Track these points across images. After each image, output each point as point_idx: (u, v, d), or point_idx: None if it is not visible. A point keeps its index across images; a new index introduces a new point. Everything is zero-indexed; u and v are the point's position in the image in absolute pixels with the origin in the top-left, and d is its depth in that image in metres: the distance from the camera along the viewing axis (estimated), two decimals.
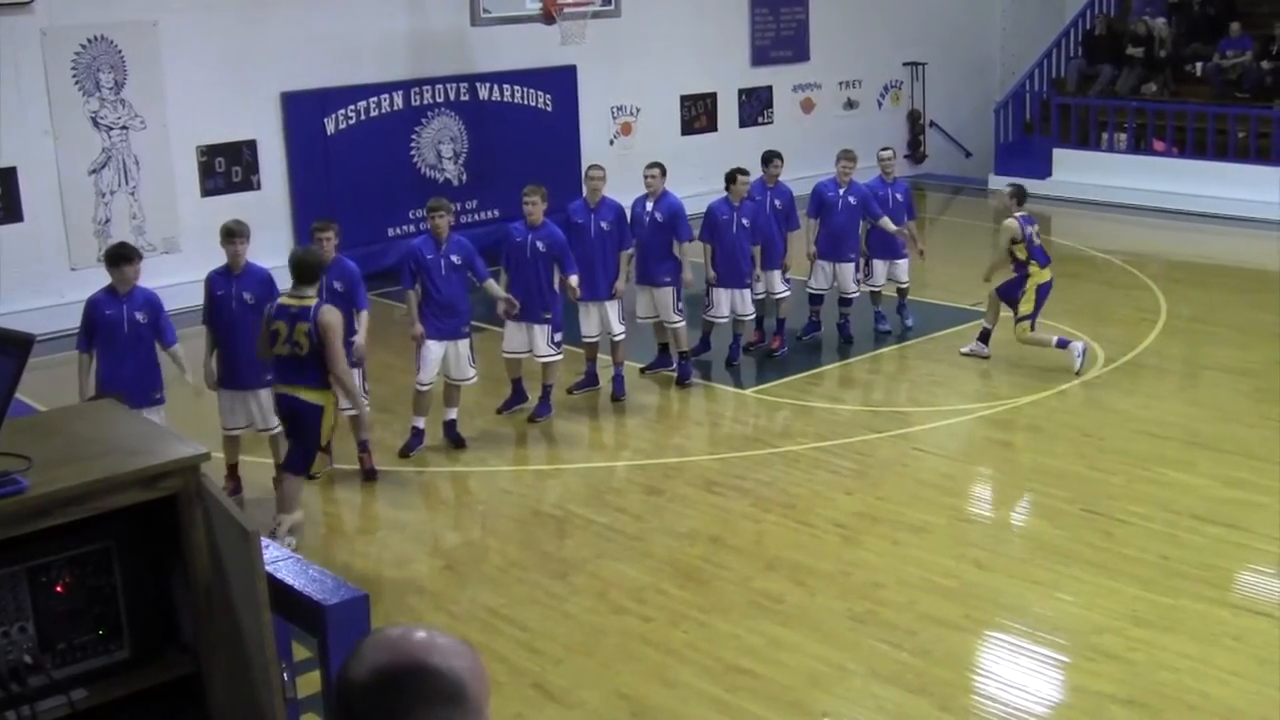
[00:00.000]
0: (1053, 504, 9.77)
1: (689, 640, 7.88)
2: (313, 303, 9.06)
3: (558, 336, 11.58)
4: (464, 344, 10.98)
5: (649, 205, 12.39)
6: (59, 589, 3.43)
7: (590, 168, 12.51)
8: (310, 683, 4.28)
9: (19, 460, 3.31)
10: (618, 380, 12.25)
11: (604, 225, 12.01)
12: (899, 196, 13.97)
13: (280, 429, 9.70)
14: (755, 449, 11.03)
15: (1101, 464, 10.41)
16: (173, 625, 3.66)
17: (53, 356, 10.97)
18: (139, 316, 9.54)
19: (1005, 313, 12.95)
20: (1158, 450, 10.65)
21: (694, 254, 12.52)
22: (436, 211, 11.00)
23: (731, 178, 12.80)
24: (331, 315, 9.02)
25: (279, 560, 4.03)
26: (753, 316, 13.21)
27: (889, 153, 14.40)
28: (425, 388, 10.96)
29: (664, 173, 12.50)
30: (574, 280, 11.49)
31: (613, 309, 12.10)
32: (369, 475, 10.53)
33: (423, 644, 2.23)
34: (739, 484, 10.31)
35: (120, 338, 9.47)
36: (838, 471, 10.49)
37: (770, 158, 13.51)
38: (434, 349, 10.88)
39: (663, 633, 7.99)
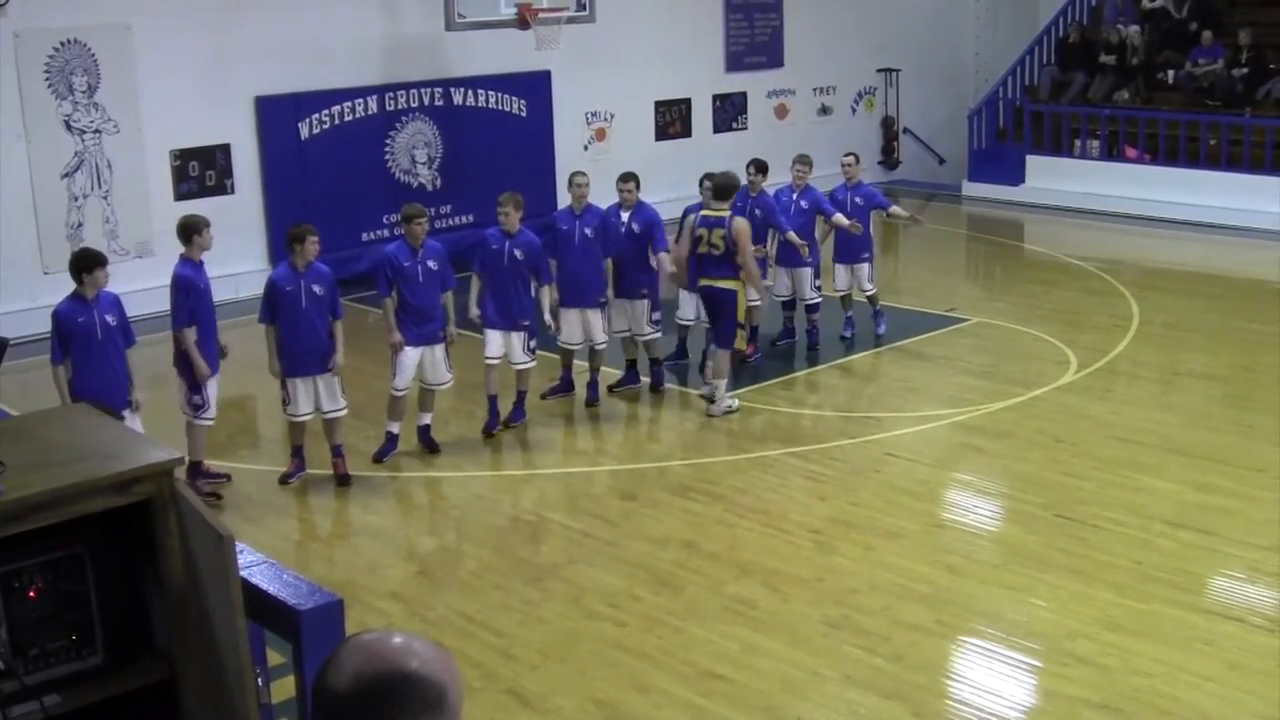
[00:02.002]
0: (1026, 509, 9.80)
1: (663, 646, 7.88)
2: (727, 214, 11.69)
3: (533, 343, 11.51)
4: (440, 349, 10.96)
5: (624, 216, 12.24)
6: (32, 595, 3.42)
7: (574, 174, 12.41)
8: (284, 688, 4.27)
9: None
10: (593, 386, 12.26)
11: (588, 232, 11.96)
12: (858, 200, 13.83)
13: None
14: (729, 454, 11.04)
15: (1074, 469, 10.45)
16: (146, 631, 3.65)
17: (25, 361, 10.93)
18: (109, 319, 9.52)
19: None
20: (1130, 456, 10.69)
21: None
22: (416, 219, 10.93)
23: (699, 183, 12.79)
24: (741, 223, 11.71)
25: (253, 565, 4.02)
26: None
27: (850, 159, 14.27)
28: (401, 393, 10.94)
29: (639, 185, 12.37)
30: (547, 292, 11.55)
31: (597, 317, 12.05)
32: (343, 480, 10.50)
33: (402, 650, 2.22)
34: (713, 489, 10.32)
35: (95, 344, 9.43)
36: (812, 477, 10.51)
37: (756, 169, 13.45)
38: (410, 355, 10.86)
39: (637, 638, 7.98)
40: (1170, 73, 21.38)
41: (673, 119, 21.22)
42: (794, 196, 13.70)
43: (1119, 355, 13.40)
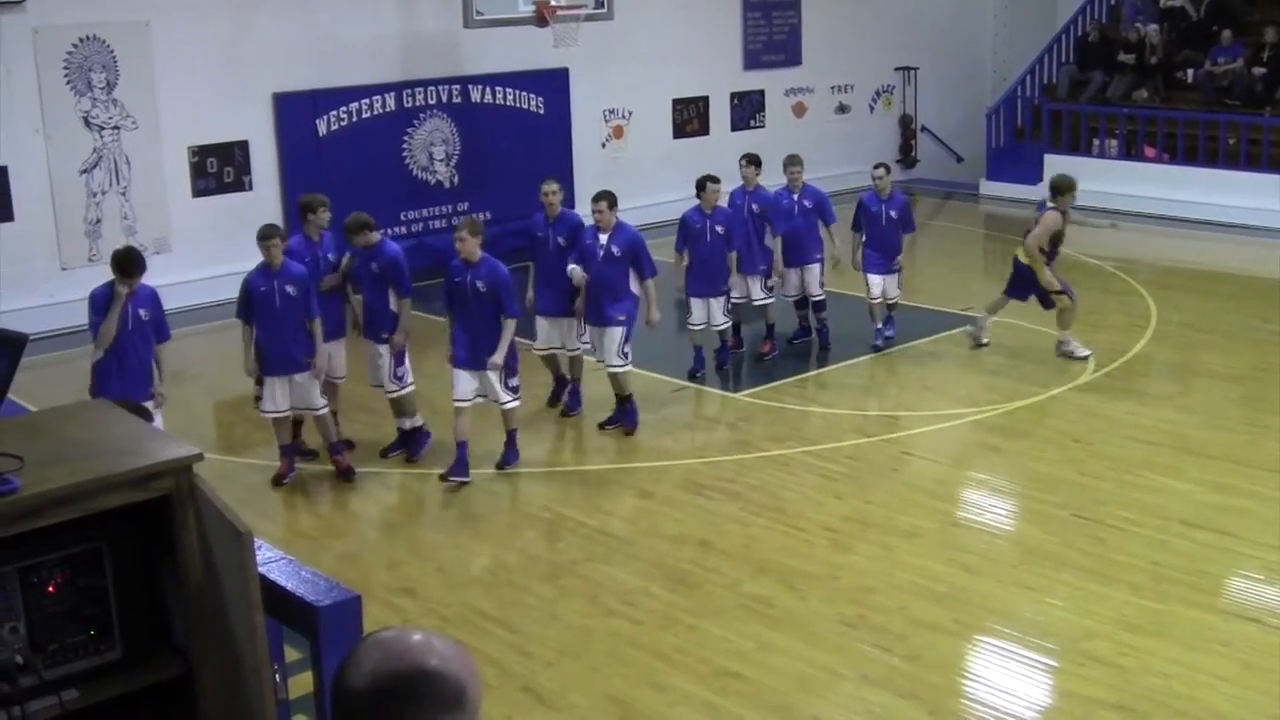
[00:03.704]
0: (1043, 509, 9.78)
1: (679, 644, 7.88)
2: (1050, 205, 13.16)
3: (514, 380, 10.59)
4: (384, 349, 10.83)
5: (602, 239, 11.34)
6: (50, 589, 3.43)
7: (544, 182, 11.92)
8: (302, 684, 4.28)
9: (11, 460, 3.31)
10: (574, 393, 12.02)
11: (560, 240, 11.64)
12: (892, 214, 13.61)
13: None
14: (745, 453, 11.03)
15: (1091, 469, 10.43)
16: (164, 626, 3.66)
17: (44, 356, 10.99)
18: (141, 313, 9.63)
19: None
20: (1147, 456, 10.66)
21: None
22: (350, 231, 10.86)
23: (701, 185, 12.61)
24: (1048, 217, 13.06)
25: (271, 561, 4.03)
26: (727, 325, 12.99)
27: (880, 170, 13.84)
28: (375, 387, 11.07)
29: (613, 204, 11.47)
30: (510, 328, 10.42)
31: (572, 325, 11.74)
32: (345, 475, 10.56)
33: (421, 647, 2.22)
34: (729, 487, 10.31)
35: (124, 334, 9.55)
36: (828, 475, 10.50)
37: (748, 161, 13.29)
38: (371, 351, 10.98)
39: (652, 636, 7.99)
40: (1189, 71, 21.30)
41: (690, 117, 21.20)
42: (795, 198, 13.55)
43: (1136, 355, 13.37)
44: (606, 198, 11.48)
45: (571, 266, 11.49)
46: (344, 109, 17.36)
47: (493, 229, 17.07)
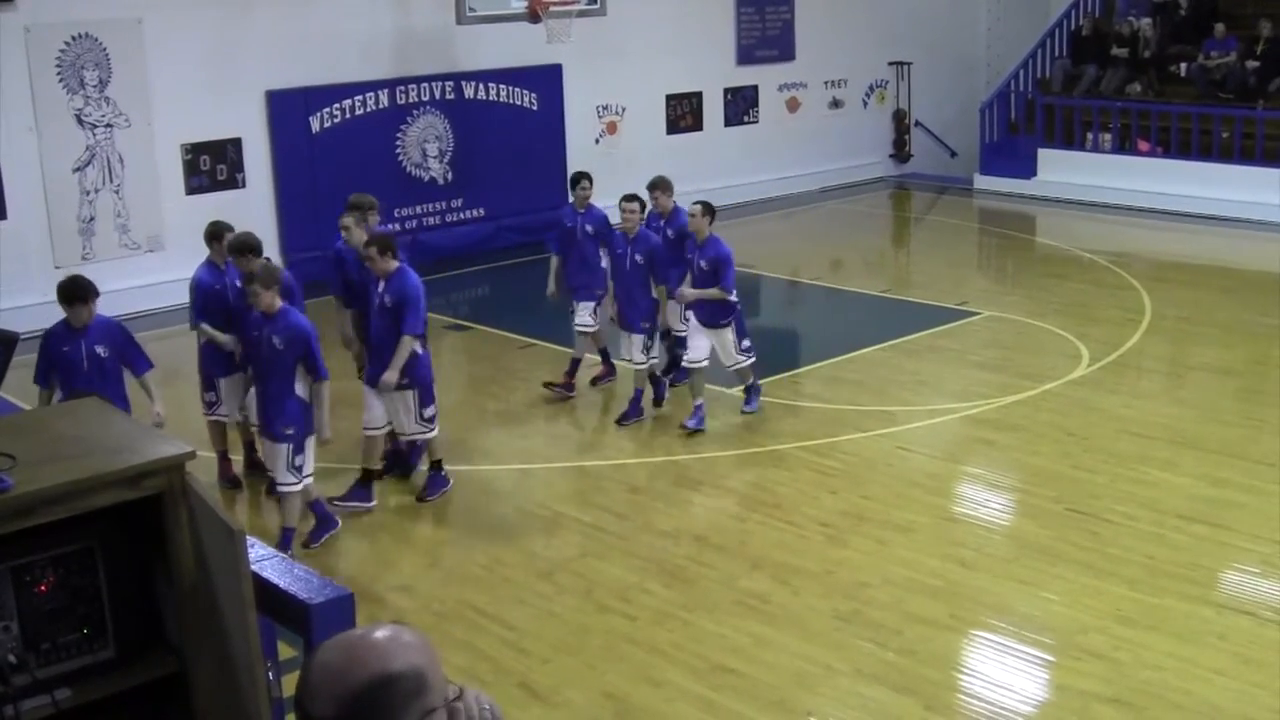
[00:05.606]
0: (1038, 503, 9.78)
1: (674, 639, 7.87)
2: None
3: (299, 460, 9.02)
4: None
5: (380, 287, 9.68)
6: (43, 588, 3.43)
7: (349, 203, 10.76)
8: (296, 682, 4.27)
9: (3, 459, 3.30)
10: (414, 453, 10.53)
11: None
12: (703, 265, 11.15)
13: None
14: (740, 448, 11.03)
15: (1086, 463, 10.43)
16: (157, 624, 3.65)
17: (36, 355, 10.92)
18: (99, 350, 8.83)
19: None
20: (1142, 450, 10.66)
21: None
22: (235, 253, 9.88)
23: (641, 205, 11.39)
24: None
25: (264, 559, 4.02)
26: (648, 365, 11.54)
27: (696, 208, 11.21)
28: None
29: (384, 250, 9.62)
30: (322, 391, 9.02)
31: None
32: (233, 483, 10.49)
33: (369, 656, 2.20)
34: (724, 483, 10.31)
35: (80, 375, 8.71)
36: (823, 471, 10.49)
37: (579, 179, 12.19)
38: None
39: (648, 632, 7.98)
40: (1183, 65, 21.32)
41: (684, 112, 21.17)
42: (660, 224, 11.99)
43: (1131, 349, 13.37)
44: (377, 243, 9.74)
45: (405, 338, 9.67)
46: (337, 106, 17.35)
47: (486, 226, 17.16)
